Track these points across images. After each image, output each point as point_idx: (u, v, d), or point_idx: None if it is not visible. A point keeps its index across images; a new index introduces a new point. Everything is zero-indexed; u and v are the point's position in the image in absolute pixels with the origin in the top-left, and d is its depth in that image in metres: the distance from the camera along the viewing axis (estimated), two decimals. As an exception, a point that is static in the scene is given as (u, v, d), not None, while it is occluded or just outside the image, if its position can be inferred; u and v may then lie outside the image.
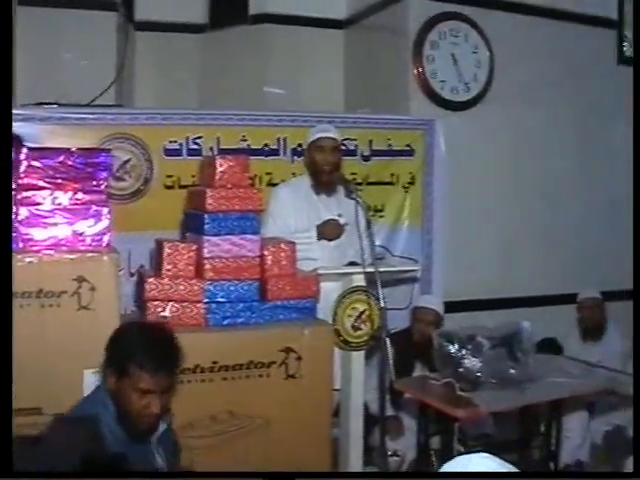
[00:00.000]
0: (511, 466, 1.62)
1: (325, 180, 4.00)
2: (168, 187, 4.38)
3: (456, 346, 3.28)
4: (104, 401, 2.44)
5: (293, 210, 3.99)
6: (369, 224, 3.59)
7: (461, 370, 3.26)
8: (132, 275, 4.17)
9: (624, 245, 4.40)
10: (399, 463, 4.01)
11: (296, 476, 1.41)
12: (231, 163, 3.31)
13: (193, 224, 3.41)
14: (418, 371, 4.28)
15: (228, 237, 3.25)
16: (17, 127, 3.85)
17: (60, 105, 4.33)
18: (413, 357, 4.33)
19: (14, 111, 4.02)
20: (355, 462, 3.75)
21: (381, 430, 3.55)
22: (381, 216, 4.89)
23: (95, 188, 3.09)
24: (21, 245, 2.97)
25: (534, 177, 5.48)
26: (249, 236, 3.29)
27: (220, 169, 3.29)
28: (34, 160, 3.00)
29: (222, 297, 3.22)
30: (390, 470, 3.45)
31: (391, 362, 3.52)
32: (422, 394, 3.37)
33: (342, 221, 3.92)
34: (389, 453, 3.94)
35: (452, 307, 4.79)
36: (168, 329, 2.51)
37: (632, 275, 4.10)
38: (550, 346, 4.35)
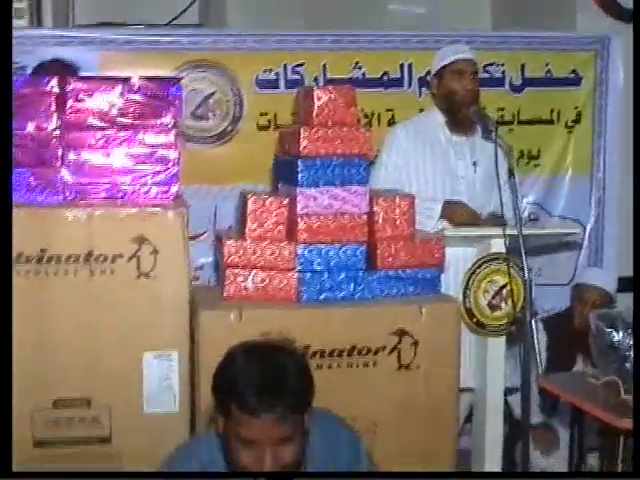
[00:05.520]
0: None
1: (464, 114, 3.90)
2: (262, 128, 4.41)
3: (621, 333, 3.09)
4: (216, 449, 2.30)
5: (413, 158, 3.91)
6: (512, 172, 3.45)
7: (628, 366, 3.08)
8: (218, 239, 4.21)
9: None
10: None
11: (295, 476, 1.43)
12: (333, 95, 3.25)
13: (285, 172, 3.39)
14: (580, 367, 4.14)
15: (328, 188, 3.20)
16: (71, 53, 3.95)
17: (128, 26, 4.38)
18: (574, 348, 4.18)
19: (68, 33, 4.15)
20: (491, 481, 3.68)
21: (524, 441, 3.45)
22: (536, 164, 4.78)
23: (161, 128, 3.11)
24: (68, 197, 3.02)
25: None
26: (354, 187, 3.22)
27: (318, 103, 3.23)
28: (85, 93, 3.04)
29: (319, 265, 3.18)
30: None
31: (539, 352, 3.40)
32: (576, 396, 3.20)
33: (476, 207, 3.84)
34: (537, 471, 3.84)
35: (630, 284, 4.59)
36: (292, 353, 2.27)
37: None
38: None
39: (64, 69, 3.89)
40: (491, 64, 4.57)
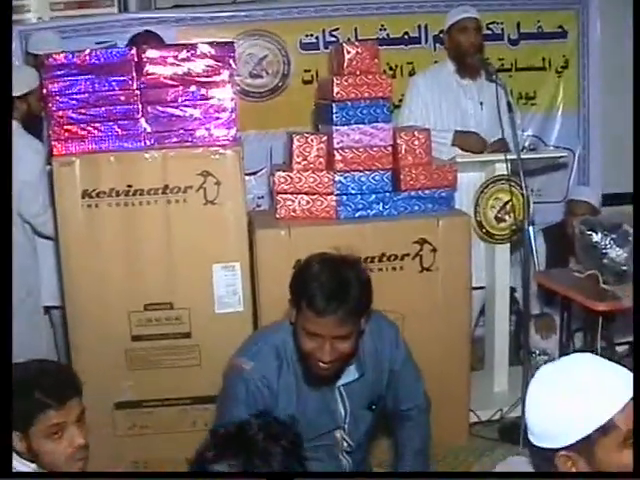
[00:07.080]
0: (621, 368, 1.43)
1: (469, 62, 3.73)
2: (306, 82, 4.25)
3: (599, 235, 2.91)
4: (288, 334, 2.25)
5: (430, 100, 3.75)
6: (510, 107, 3.27)
7: (605, 261, 2.91)
8: (273, 174, 4.11)
9: None
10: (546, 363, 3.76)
11: (296, 476, 1.35)
12: (359, 49, 3.12)
13: (323, 115, 3.27)
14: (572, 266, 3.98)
15: (358, 126, 3.08)
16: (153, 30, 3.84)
17: (196, 6, 4.25)
18: (567, 252, 4.02)
19: (147, 15, 4.05)
20: (500, 361, 3.58)
21: (524, 327, 3.34)
22: (533, 104, 4.52)
23: (220, 82, 2.99)
24: (148, 143, 2.93)
25: None
26: (380, 124, 3.09)
27: (348, 56, 3.10)
28: (158, 59, 2.92)
29: (353, 189, 3.08)
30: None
31: (536, 254, 3.26)
32: (564, 287, 3.06)
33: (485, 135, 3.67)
34: (537, 352, 3.71)
35: (612, 199, 4.39)
36: (358, 267, 2.19)
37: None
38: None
39: (152, 37, 3.76)
40: (492, 23, 4.33)
